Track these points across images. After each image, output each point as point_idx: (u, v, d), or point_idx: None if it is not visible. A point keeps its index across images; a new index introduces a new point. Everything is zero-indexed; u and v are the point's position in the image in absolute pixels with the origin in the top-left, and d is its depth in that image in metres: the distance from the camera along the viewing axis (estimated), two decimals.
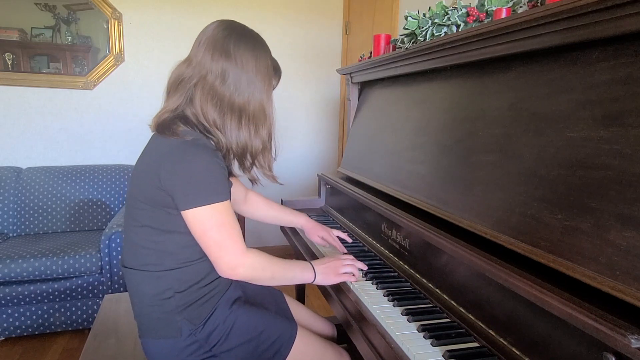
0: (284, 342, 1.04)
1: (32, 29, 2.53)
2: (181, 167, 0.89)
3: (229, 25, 0.98)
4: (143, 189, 0.93)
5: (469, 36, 0.96)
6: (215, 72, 0.94)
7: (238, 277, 0.95)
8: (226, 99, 0.95)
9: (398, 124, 1.38)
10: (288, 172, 3.24)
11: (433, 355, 0.78)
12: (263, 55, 0.99)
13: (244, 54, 0.95)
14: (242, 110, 0.97)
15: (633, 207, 0.60)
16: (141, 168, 0.96)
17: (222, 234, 0.91)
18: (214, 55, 0.94)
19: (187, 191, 0.88)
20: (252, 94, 0.97)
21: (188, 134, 0.92)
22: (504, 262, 0.75)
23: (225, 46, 0.94)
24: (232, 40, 0.95)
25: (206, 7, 2.83)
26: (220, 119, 0.96)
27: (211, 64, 0.94)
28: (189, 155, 0.89)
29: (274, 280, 1.01)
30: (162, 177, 0.89)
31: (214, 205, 0.90)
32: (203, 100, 0.94)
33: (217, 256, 0.93)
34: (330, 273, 1.08)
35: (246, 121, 0.97)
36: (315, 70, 3.16)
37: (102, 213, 2.53)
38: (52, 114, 2.64)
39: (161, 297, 0.95)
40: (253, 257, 0.96)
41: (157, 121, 0.96)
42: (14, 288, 1.96)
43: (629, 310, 0.57)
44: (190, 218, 0.90)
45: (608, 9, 0.65)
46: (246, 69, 0.95)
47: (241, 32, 0.98)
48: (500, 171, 0.87)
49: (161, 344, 0.96)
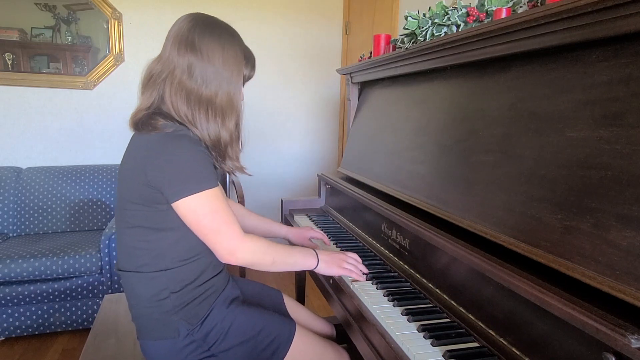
0: (283, 341, 1.04)
1: (32, 29, 2.53)
2: (166, 159, 0.88)
3: (195, 17, 0.96)
4: (131, 189, 0.93)
5: (469, 36, 0.96)
6: (182, 66, 0.93)
7: (239, 261, 0.94)
8: (194, 92, 0.94)
9: (398, 124, 1.38)
10: (288, 172, 3.24)
11: (433, 355, 0.78)
12: (230, 45, 0.97)
13: (209, 45, 0.94)
14: (210, 102, 0.96)
15: (633, 207, 0.60)
16: (126, 168, 0.96)
17: (217, 219, 0.91)
18: (179, 49, 0.93)
19: (174, 182, 0.88)
20: (220, 85, 0.96)
21: (168, 127, 0.92)
22: (504, 262, 0.75)
23: (190, 38, 0.93)
24: (196, 32, 0.94)
25: (206, 7, 2.83)
26: (190, 113, 0.95)
27: (177, 58, 0.93)
28: (172, 146, 0.89)
29: (275, 265, 1.00)
30: (148, 172, 0.89)
31: (203, 193, 0.89)
32: (173, 95, 0.94)
33: (214, 242, 0.92)
34: (333, 263, 1.08)
35: (213, 113, 0.96)
36: (315, 70, 3.16)
37: (102, 213, 2.53)
38: (52, 114, 2.65)
39: (157, 298, 0.95)
40: (252, 242, 0.95)
41: (133, 120, 0.95)
42: (14, 288, 1.96)
43: (629, 310, 0.57)
44: (182, 209, 0.90)
45: (608, 9, 0.64)
46: (212, 60, 0.94)
47: (206, 23, 0.96)
48: (500, 171, 0.87)
49: (159, 344, 0.96)
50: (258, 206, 3.12)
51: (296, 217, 1.74)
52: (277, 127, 3.16)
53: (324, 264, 1.07)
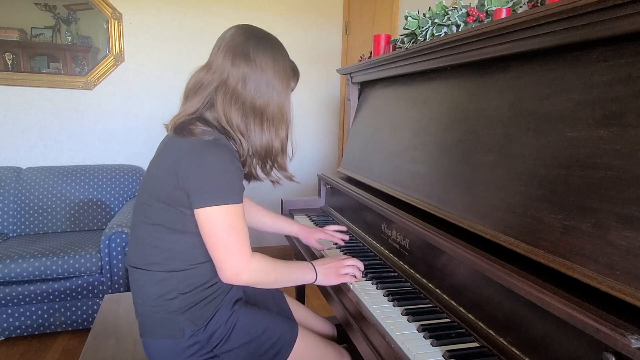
0: (285, 343, 1.04)
1: (32, 29, 2.53)
2: (201, 164, 0.89)
3: (248, 30, 1.00)
4: (159, 187, 0.94)
5: (469, 36, 0.96)
6: (236, 76, 0.95)
7: (242, 283, 0.95)
8: (248, 101, 0.97)
9: (398, 123, 1.38)
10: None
11: (433, 355, 0.78)
12: (281, 58, 1.01)
13: (262, 57, 0.97)
14: (263, 112, 0.98)
15: (633, 207, 0.60)
16: (158, 165, 0.97)
17: (231, 236, 0.91)
18: (234, 60, 0.95)
19: (202, 190, 0.89)
20: (271, 96, 0.99)
21: (207, 134, 0.93)
22: (504, 262, 0.75)
23: (245, 50, 0.96)
24: (251, 44, 0.97)
25: (206, 7, 2.83)
26: (243, 123, 0.97)
27: (231, 68, 0.95)
28: (209, 153, 0.90)
29: (277, 284, 1.02)
30: (180, 174, 0.90)
31: (227, 207, 0.90)
32: (226, 104, 0.96)
33: (222, 260, 0.92)
34: (331, 274, 1.08)
35: (267, 123, 1.00)
36: (315, 70, 3.16)
37: (102, 213, 2.53)
38: (52, 114, 2.64)
39: (165, 298, 0.95)
40: (257, 263, 0.96)
41: (174, 123, 0.97)
42: (14, 288, 1.96)
43: (629, 310, 0.57)
44: (202, 217, 0.90)
45: (608, 9, 0.64)
46: (265, 71, 0.97)
47: (259, 35, 1.00)
48: (501, 171, 0.87)
49: (163, 344, 0.96)
50: None
51: (296, 217, 1.74)
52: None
53: (322, 277, 1.08)
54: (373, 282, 1.07)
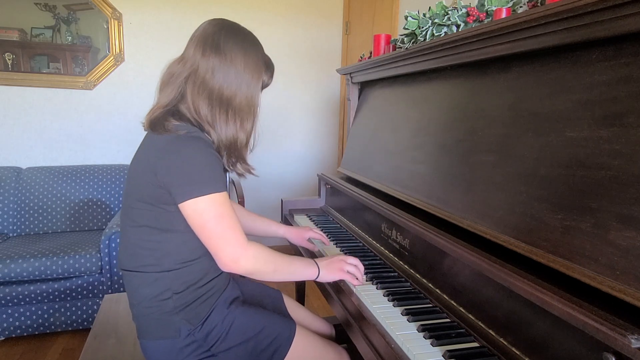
0: (283, 341, 1.04)
1: (32, 29, 2.53)
2: (177, 159, 0.89)
3: (219, 22, 1.00)
4: (140, 187, 0.93)
5: (469, 36, 0.96)
6: (205, 66, 0.95)
7: (241, 270, 0.94)
8: (215, 91, 0.96)
9: (398, 123, 1.38)
10: (288, 172, 3.24)
11: (433, 355, 0.78)
12: (252, 50, 1.00)
13: (233, 48, 0.97)
14: (230, 102, 0.98)
15: (633, 207, 0.60)
16: (136, 167, 0.96)
17: (222, 225, 0.91)
18: (204, 51, 0.96)
19: (183, 183, 0.88)
20: (240, 87, 0.98)
21: (181, 128, 0.93)
22: (504, 262, 0.75)
23: (215, 41, 0.96)
24: (221, 35, 0.97)
25: (206, 7, 2.83)
26: (210, 113, 0.97)
27: (202, 59, 0.96)
28: (184, 147, 0.90)
29: (277, 274, 1.00)
30: (159, 172, 0.89)
31: (211, 196, 0.89)
32: (194, 94, 0.96)
33: (218, 249, 0.92)
34: (334, 268, 1.08)
35: (232, 114, 0.99)
36: (315, 70, 3.16)
37: (102, 213, 2.53)
38: (52, 114, 2.65)
39: (159, 298, 0.95)
40: (255, 250, 0.95)
41: (150, 118, 0.96)
42: (14, 288, 1.96)
43: (629, 310, 0.57)
44: (189, 210, 0.90)
45: (608, 9, 0.65)
46: (234, 63, 0.97)
47: (231, 28, 1.00)
48: (501, 171, 0.87)
49: (160, 344, 0.96)
50: (258, 206, 3.12)
51: (296, 217, 1.74)
52: (277, 127, 3.16)
53: (325, 271, 1.07)
54: (373, 282, 1.07)
